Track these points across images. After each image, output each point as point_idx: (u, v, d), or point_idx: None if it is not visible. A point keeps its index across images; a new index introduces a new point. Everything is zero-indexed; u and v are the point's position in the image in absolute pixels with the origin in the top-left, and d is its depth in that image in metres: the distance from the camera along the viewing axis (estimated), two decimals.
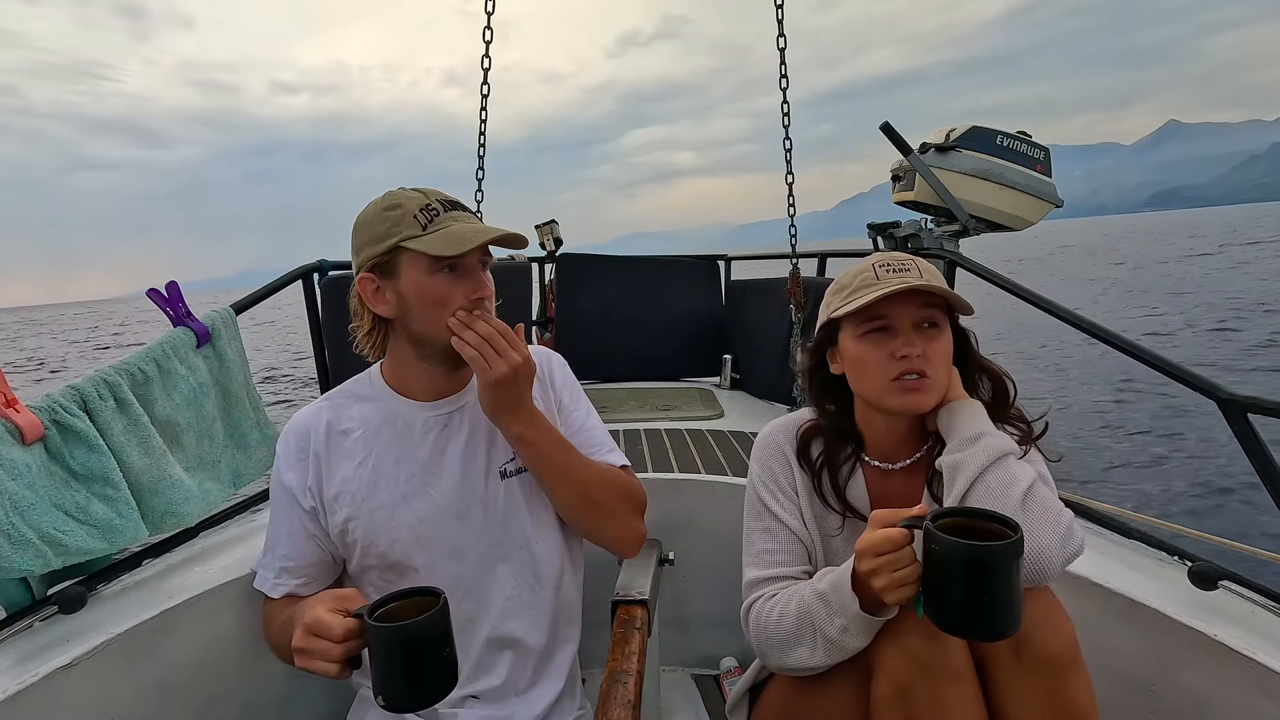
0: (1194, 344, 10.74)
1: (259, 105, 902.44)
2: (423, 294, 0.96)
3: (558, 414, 1.17)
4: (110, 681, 1.01)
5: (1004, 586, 0.71)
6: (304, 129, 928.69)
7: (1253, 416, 1.14)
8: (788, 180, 2.49)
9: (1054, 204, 2.44)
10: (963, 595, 0.72)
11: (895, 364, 0.94)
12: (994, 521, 0.74)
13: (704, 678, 1.66)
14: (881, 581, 0.79)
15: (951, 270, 1.96)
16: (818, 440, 1.09)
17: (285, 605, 1.03)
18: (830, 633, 0.89)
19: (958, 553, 0.71)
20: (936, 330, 0.95)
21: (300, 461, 1.04)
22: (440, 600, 0.73)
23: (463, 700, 1.06)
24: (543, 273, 3.21)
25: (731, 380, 2.86)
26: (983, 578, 0.71)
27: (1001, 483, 0.89)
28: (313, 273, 1.96)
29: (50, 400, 1.08)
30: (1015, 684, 0.83)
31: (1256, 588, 1.09)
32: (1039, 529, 0.86)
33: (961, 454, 0.93)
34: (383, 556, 1.03)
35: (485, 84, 2.52)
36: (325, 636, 0.77)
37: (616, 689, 0.83)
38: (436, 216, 0.95)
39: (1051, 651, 0.82)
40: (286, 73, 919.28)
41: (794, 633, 0.93)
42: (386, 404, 1.06)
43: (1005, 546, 0.70)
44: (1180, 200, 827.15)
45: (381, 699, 0.73)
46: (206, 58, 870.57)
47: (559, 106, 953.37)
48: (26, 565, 0.96)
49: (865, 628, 0.87)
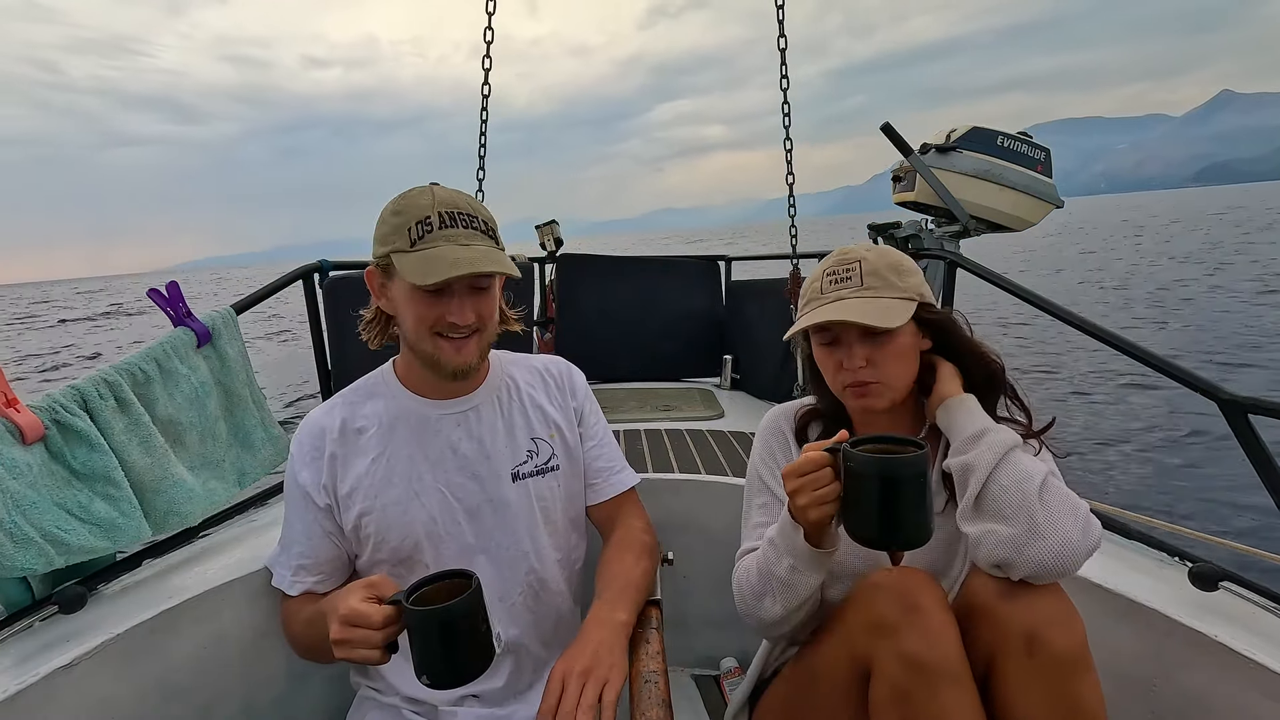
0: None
1: (291, 80, 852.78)
2: (405, 306, 0.97)
3: (578, 424, 1.18)
4: (110, 681, 1.01)
5: (911, 496, 0.78)
6: (335, 104, 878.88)
7: (1253, 416, 1.14)
8: (788, 180, 2.49)
9: (1054, 205, 2.44)
10: (874, 506, 0.79)
11: (843, 374, 1.00)
12: (907, 445, 0.81)
13: (704, 678, 1.66)
14: (804, 499, 0.85)
15: (952, 271, 1.96)
16: (816, 424, 1.13)
17: (305, 602, 1.04)
18: (781, 573, 0.95)
19: (868, 467, 0.78)
20: (886, 335, 0.97)
21: (315, 460, 1.04)
22: (474, 581, 0.76)
23: (462, 700, 1.06)
24: (543, 273, 3.21)
25: (732, 380, 2.86)
26: (890, 488, 0.78)
27: (1015, 480, 0.88)
28: (313, 273, 1.97)
29: (50, 400, 1.08)
30: (1026, 681, 0.83)
31: (1257, 588, 1.09)
32: (1060, 520, 0.85)
33: (968, 455, 0.93)
34: (394, 552, 1.03)
35: (485, 84, 2.51)
36: (365, 625, 0.78)
37: (648, 689, 0.83)
38: (428, 234, 0.92)
39: (1064, 650, 0.82)
40: (317, 47, 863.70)
41: (758, 585, 0.99)
42: (400, 401, 1.07)
43: (911, 458, 0.77)
44: (1231, 175, 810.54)
45: (426, 678, 0.75)
46: (239, 32, 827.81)
47: (589, 80, 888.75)
48: (29, 564, 0.96)
49: (811, 562, 0.93)
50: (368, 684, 1.10)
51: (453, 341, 0.98)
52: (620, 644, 0.91)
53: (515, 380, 1.15)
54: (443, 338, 0.98)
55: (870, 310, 0.95)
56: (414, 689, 1.05)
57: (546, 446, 1.12)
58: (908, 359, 1.00)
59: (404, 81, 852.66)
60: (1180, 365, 1.27)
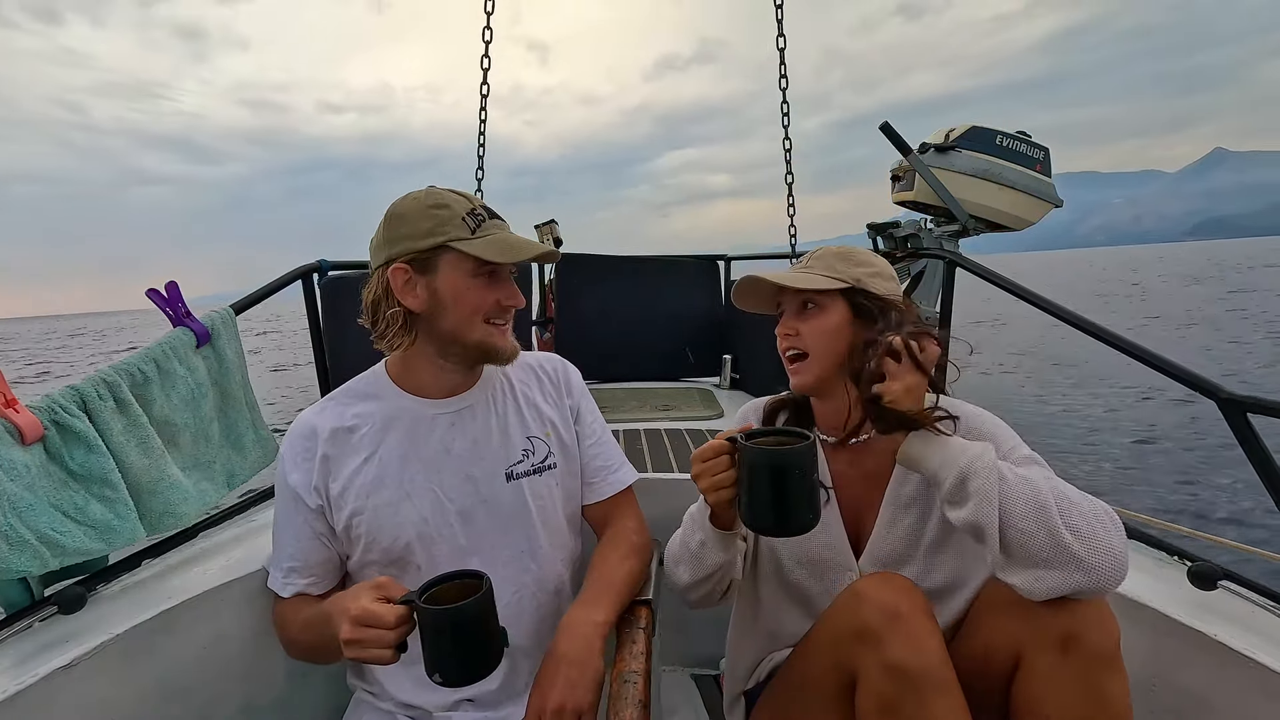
0: None
1: (306, 124, 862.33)
2: (459, 295, 0.98)
3: (574, 422, 1.18)
4: (110, 682, 1.01)
5: (796, 484, 0.83)
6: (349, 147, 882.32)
7: (1253, 416, 1.14)
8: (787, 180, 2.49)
9: (1053, 204, 2.44)
10: (765, 494, 0.84)
11: (782, 341, 1.08)
12: (801, 439, 0.85)
13: (703, 678, 1.66)
14: (704, 484, 0.93)
15: (951, 270, 1.96)
16: (784, 412, 1.19)
17: (300, 604, 1.04)
18: (693, 546, 1.05)
19: (757, 458, 0.84)
20: (815, 309, 1.05)
21: (306, 462, 1.04)
22: (485, 581, 0.78)
23: (457, 704, 1.05)
24: (542, 273, 3.21)
25: (731, 380, 2.86)
26: (778, 477, 0.83)
27: (1031, 514, 0.82)
28: (312, 273, 1.96)
29: (50, 400, 1.08)
30: (1059, 677, 0.83)
31: (1256, 588, 1.09)
32: (1097, 540, 0.81)
33: (966, 512, 0.86)
34: (385, 552, 1.03)
35: (485, 84, 2.51)
36: (378, 625, 0.79)
37: (626, 689, 0.83)
38: (483, 223, 0.99)
39: (1099, 649, 0.82)
40: (334, 93, 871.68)
41: (677, 553, 1.10)
42: (393, 401, 1.07)
43: (796, 449, 0.83)
44: (1226, 229, 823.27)
45: (438, 676, 0.76)
46: (260, 78, 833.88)
47: (597, 127, 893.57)
48: (24, 566, 0.96)
49: (717, 542, 1.02)
50: (364, 687, 1.10)
51: (499, 327, 1.02)
52: (593, 646, 0.92)
53: (510, 379, 1.15)
54: (490, 324, 1.01)
55: (788, 277, 1.03)
56: (408, 694, 1.05)
57: (542, 445, 1.12)
58: (833, 336, 1.03)
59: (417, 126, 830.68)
60: (1180, 364, 1.27)
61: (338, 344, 2.01)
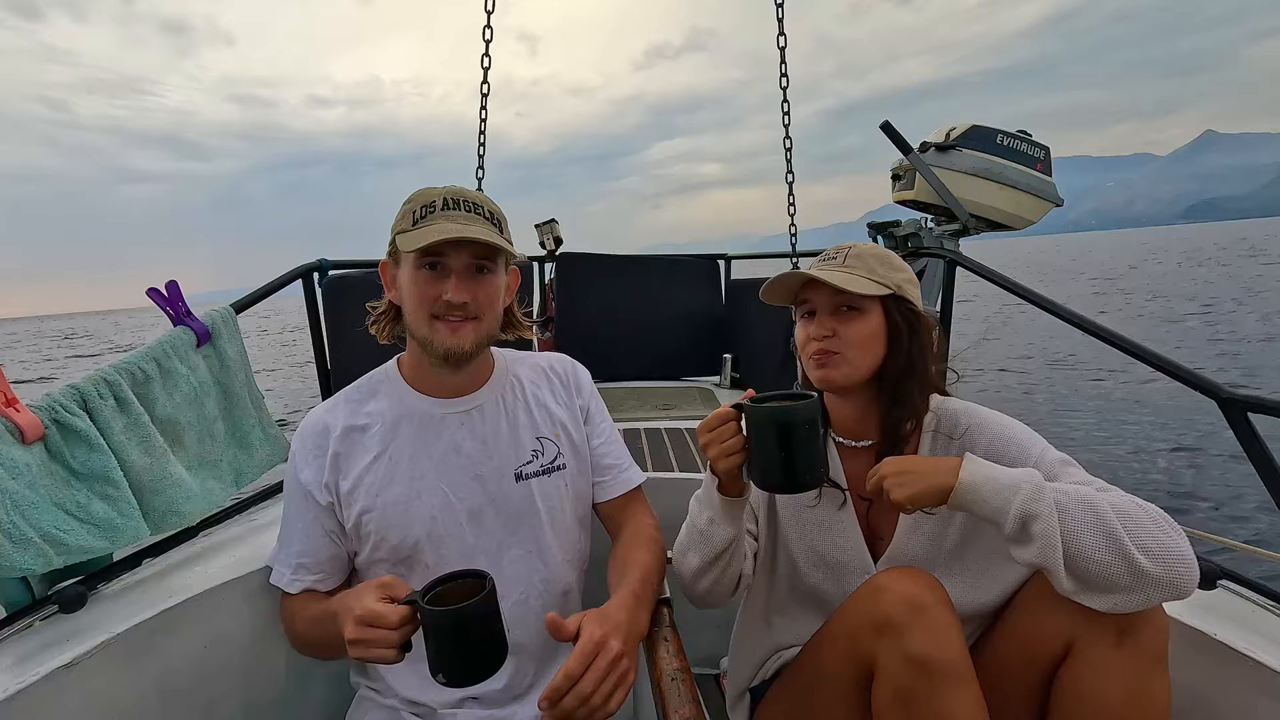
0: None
1: (295, 119, 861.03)
2: (408, 289, 0.99)
3: (584, 422, 1.18)
4: (111, 681, 1.01)
5: (803, 440, 0.86)
6: (338, 142, 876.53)
7: (1253, 416, 1.14)
8: (788, 179, 2.49)
9: (1054, 203, 2.43)
10: (774, 452, 0.87)
11: (811, 344, 1.05)
12: (804, 399, 0.88)
13: (704, 677, 1.66)
14: (713, 451, 0.94)
15: (951, 269, 1.96)
16: None
17: (307, 600, 1.04)
18: (701, 525, 1.04)
19: (762, 415, 0.88)
20: (855, 313, 1.02)
21: (317, 458, 1.04)
22: (488, 582, 0.78)
23: (462, 702, 1.05)
24: (542, 272, 3.21)
25: (731, 379, 2.86)
26: (785, 433, 0.86)
27: (1099, 542, 0.80)
28: (313, 272, 1.96)
29: (50, 399, 1.08)
30: (1109, 670, 0.84)
31: (1256, 587, 1.09)
32: (1165, 550, 0.79)
33: (1031, 551, 0.83)
34: (394, 550, 1.03)
35: (485, 83, 2.51)
36: (382, 625, 0.79)
37: (677, 686, 0.84)
38: (431, 214, 0.96)
39: (1150, 647, 0.84)
40: (322, 87, 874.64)
41: (685, 541, 1.09)
42: (404, 399, 1.07)
43: (801, 405, 0.86)
44: (1218, 212, 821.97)
45: (441, 677, 0.76)
46: (246, 73, 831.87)
47: (587, 119, 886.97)
48: (28, 564, 0.96)
49: (724, 512, 1.02)
50: (367, 684, 1.10)
51: (449, 323, 0.99)
52: (635, 616, 0.91)
53: (520, 379, 1.15)
54: (439, 320, 0.98)
55: (839, 278, 1.00)
56: (413, 690, 1.05)
57: (552, 446, 1.12)
58: (871, 342, 1.02)
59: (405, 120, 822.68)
60: (1180, 364, 1.27)
61: (339, 343, 2.01)
